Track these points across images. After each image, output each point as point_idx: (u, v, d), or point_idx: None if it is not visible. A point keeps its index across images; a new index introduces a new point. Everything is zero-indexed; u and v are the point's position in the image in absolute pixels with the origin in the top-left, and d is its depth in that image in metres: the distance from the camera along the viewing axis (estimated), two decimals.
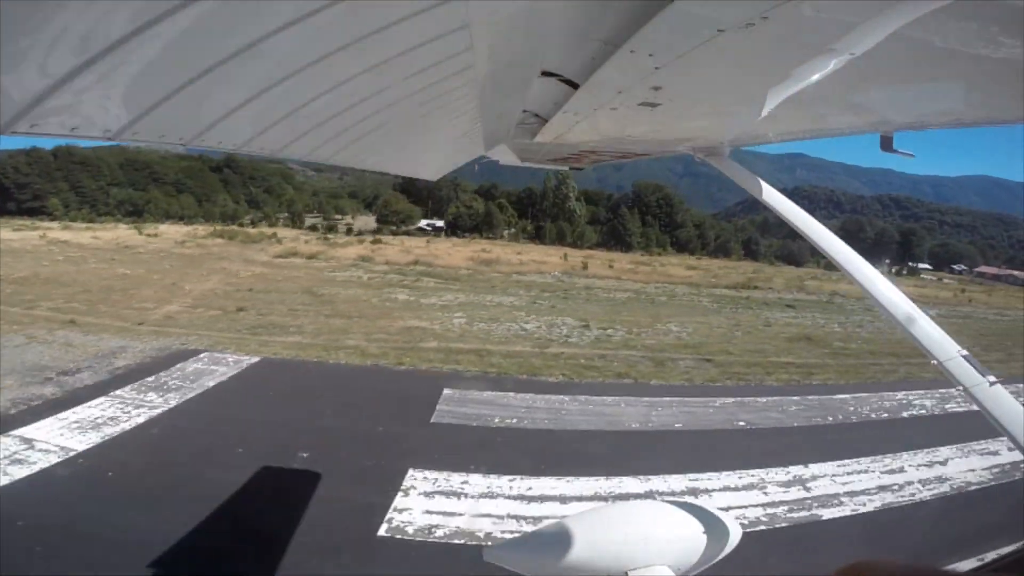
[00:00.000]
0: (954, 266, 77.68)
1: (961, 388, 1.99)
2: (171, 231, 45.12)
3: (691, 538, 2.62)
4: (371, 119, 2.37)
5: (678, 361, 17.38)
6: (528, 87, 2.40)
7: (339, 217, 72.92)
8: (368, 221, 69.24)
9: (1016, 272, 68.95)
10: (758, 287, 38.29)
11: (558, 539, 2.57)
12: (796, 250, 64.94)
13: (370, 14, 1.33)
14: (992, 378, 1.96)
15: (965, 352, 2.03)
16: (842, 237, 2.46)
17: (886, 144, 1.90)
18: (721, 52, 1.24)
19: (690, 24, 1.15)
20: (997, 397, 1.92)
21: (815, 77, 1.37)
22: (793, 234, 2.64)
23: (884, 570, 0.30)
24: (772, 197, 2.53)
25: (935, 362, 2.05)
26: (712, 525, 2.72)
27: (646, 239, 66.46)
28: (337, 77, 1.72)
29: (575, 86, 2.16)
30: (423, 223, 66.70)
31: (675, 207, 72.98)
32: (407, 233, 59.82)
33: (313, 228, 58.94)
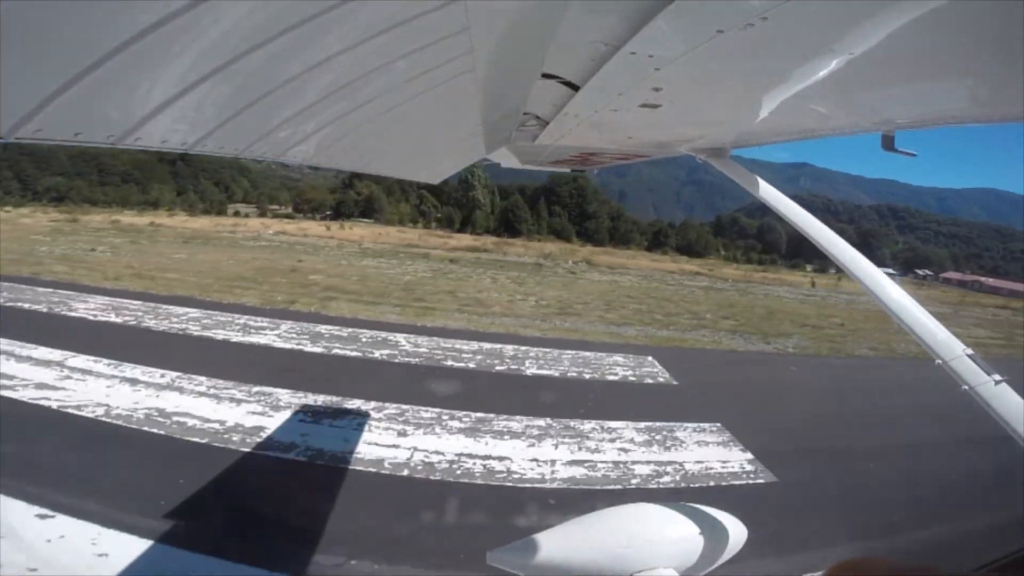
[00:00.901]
0: (918, 271, 79.08)
1: (966, 387, 1.97)
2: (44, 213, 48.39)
3: (696, 539, 2.60)
4: (372, 123, 2.38)
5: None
6: (529, 89, 2.41)
7: (275, 207, 77.23)
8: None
9: (983, 279, 69.67)
10: (488, 250, 44.08)
11: (563, 542, 2.56)
12: (696, 239, 73.40)
13: (370, 17, 1.34)
14: (997, 376, 1.95)
15: (970, 351, 2.02)
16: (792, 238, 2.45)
17: (888, 143, 1.90)
18: (721, 53, 1.24)
19: (689, 25, 1.15)
20: (1003, 396, 1.91)
21: (816, 77, 1.37)
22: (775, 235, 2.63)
23: (876, 568, 0.30)
24: (773, 198, 2.53)
25: (939, 361, 2.03)
26: (717, 526, 2.70)
27: (538, 226, 69.94)
28: (337, 81, 1.73)
29: (576, 88, 2.17)
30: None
31: (587, 198, 75.44)
32: (299, 217, 64.28)
33: (235, 214, 62.58)
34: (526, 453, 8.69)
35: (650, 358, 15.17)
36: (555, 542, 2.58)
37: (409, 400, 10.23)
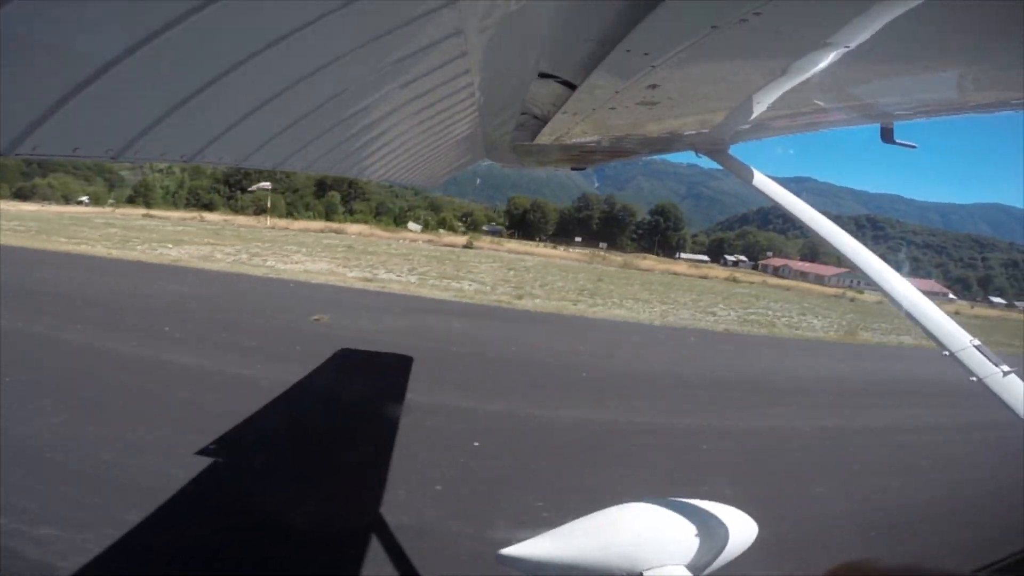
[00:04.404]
0: (727, 256, 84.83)
1: (975, 379, 1.96)
2: None
3: (705, 536, 2.58)
4: (369, 129, 2.38)
5: None
6: (526, 89, 2.40)
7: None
8: None
9: (791, 262, 76.32)
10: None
11: (571, 541, 2.56)
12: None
13: (363, 24, 1.34)
14: (1006, 367, 1.93)
15: (977, 342, 2.00)
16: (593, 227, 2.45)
17: (887, 135, 1.88)
18: (716, 49, 1.23)
19: (683, 22, 1.14)
20: (1012, 387, 1.89)
21: (812, 70, 1.36)
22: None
23: (874, 570, 0.30)
24: (773, 192, 2.53)
25: (946, 353, 2.02)
26: (727, 522, 2.69)
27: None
28: (333, 88, 1.73)
29: (573, 87, 2.16)
30: None
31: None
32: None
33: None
34: None
35: None
36: (563, 541, 2.57)
37: None
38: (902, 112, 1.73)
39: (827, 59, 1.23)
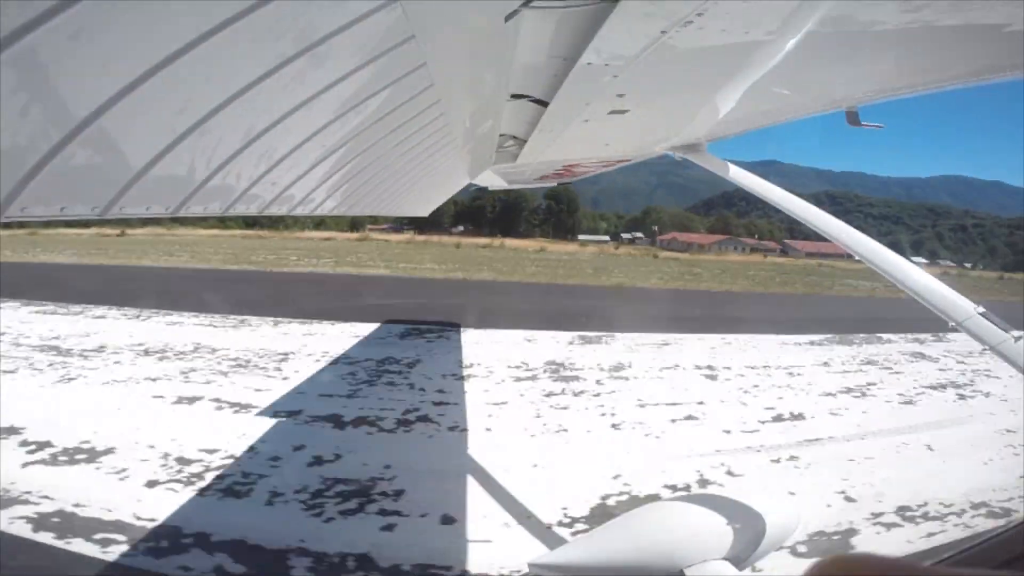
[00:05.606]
0: (623, 234, 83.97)
1: (987, 348, 1.90)
2: None
3: (746, 529, 2.48)
4: (350, 165, 2.41)
5: None
6: (500, 111, 2.45)
7: None
8: None
9: (678, 236, 75.89)
10: None
11: (606, 544, 2.47)
12: None
13: (328, 65, 1.37)
14: (1017, 332, 1.88)
15: (982, 310, 1.95)
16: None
17: (852, 119, 1.91)
18: (671, 52, 1.27)
19: (633, 30, 1.18)
20: None
21: (770, 63, 1.40)
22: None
23: (863, 565, 0.30)
24: (753, 184, 2.56)
25: (953, 323, 1.97)
26: (767, 513, 2.58)
27: None
28: (306, 130, 1.75)
29: (545, 104, 2.21)
30: None
31: None
32: None
33: None
34: None
35: None
36: (597, 545, 2.50)
37: None
38: (864, 95, 1.76)
39: (781, 49, 1.27)
